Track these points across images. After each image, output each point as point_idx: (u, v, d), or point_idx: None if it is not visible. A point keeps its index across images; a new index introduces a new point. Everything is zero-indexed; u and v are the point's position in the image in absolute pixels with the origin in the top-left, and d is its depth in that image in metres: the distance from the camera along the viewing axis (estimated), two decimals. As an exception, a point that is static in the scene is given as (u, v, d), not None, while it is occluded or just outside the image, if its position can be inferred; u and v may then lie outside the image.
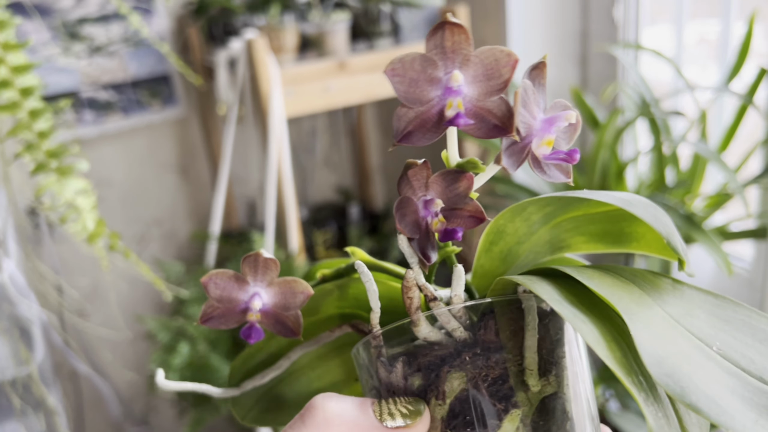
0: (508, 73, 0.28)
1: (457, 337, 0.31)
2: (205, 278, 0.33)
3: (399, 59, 0.29)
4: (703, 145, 1.02)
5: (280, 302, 0.34)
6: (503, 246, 0.35)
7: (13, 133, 0.82)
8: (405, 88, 0.29)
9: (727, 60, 1.16)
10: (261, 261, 0.33)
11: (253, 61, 1.22)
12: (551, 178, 0.31)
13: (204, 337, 1.20)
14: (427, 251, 0.31)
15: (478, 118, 0.29)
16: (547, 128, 0.30)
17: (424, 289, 0.32)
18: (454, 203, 0.31)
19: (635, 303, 0.28)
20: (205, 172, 1.65)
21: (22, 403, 1.03)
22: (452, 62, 0.28)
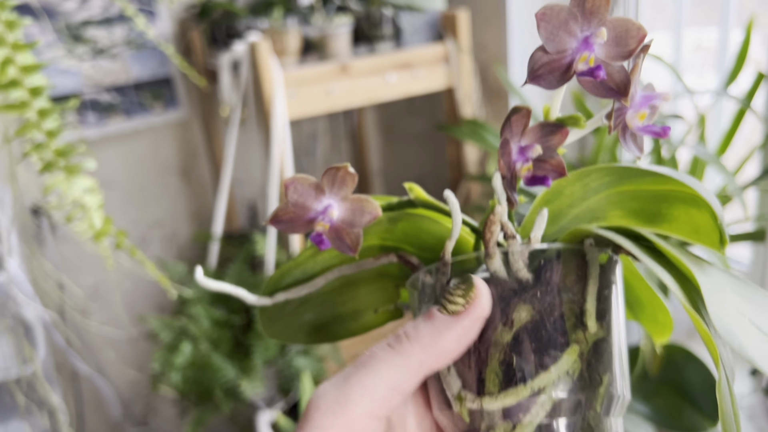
0: (635, 44, 0.31)
1: (520, 277, 0.33)
2: (288, 180, 0.34)
3: (549, 6, 0.31)
4: (702, 149, 1.04)
5: (348, 218, 0.34)
6: (556, 206, 0.37)
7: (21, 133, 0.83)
8: (547, 33, 0.31)
9: (724, 66, 1.18)
10: (341, 174, 0.33)
11: (256, 63, 1.23)
12: (629, 149, 0.33)
13: (206, 337, 1.21)
14: (514, 193, 0.33)
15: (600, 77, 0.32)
16: (644, 103, 0.33)
17: (505, 226, 0.34)
18: (544, 154, 0.33)
19: (696, 267, 0.31)
20: (206, 174, 1.66)
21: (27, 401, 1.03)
22: (589, 22, 0.31)
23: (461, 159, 1.50)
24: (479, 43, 1.48)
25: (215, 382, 1.18)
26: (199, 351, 1.19)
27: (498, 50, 1.43)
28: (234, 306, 1.30)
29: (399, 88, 1.37)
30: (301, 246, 1.35)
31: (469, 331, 0.30)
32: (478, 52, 1.49)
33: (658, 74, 1.37)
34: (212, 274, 1.34)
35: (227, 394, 1.19)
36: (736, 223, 1.08)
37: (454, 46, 1.39)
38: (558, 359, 0.31)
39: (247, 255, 1.35)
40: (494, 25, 1.42)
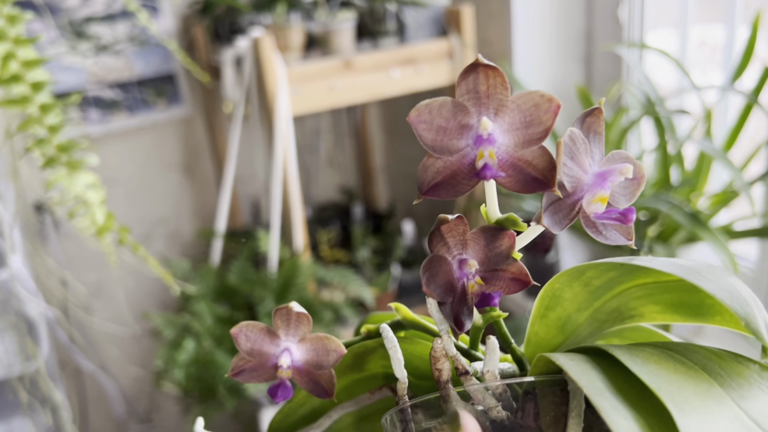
0: (550, 120, 0.25)
1: (494, 417, 0.28)
2: (235, 329, 0.32)
3: (426, 104, 0.26)
4: (709, 144, 1.03)
5: (312, 359, 0.32)
6: (561, 313, 0.32)
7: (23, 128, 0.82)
8: (432, 136, 0.26)
9: (730, 62, 1.17)
10: (293, 315, 0.32)
11: (259, 59, 1.23)
12: (608, 239, 0.28)
13: (209, 334, 1.20)
14: (462, 317, 0.28)
15: (516, 170, 0.26)
16: (600, 183, 0.26)
17: (455, 360, 0.29)
18: (494, 264, 0.28)
19: (698, 396, 0.24)
20: (209, 170, 1.65)
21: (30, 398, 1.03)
22: (486, 108, 0.26)
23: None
24: (483, 39, 1.47)
25: (218, 379, 1.17)
26: (202, 348, 1.18)
27: (502, 46, 1.42)
28: (237, 302, 1.30)
29: (403, 83, 1.37)
30: (305, 244, 1.35)
31: None
32: (482, 47, 1.48)
33: (664, 70, 1.37)
34: (215, 271, 1.34)
35: (230, 391, 1.19)
36: (742, 220, 1.07)
37: (458, 42, 1.38)
38: None
39: (251, 252, 1.35)
40: (498, 21, 1.41)
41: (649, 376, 0.25)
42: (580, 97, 1.22)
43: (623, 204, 0.27)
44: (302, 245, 1.34)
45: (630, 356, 0.26)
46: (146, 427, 1.68)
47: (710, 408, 0.24)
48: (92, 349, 1.52)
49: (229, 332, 1.23)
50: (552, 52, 1.42)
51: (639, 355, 0.26)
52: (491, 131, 0.26)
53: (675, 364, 0.26)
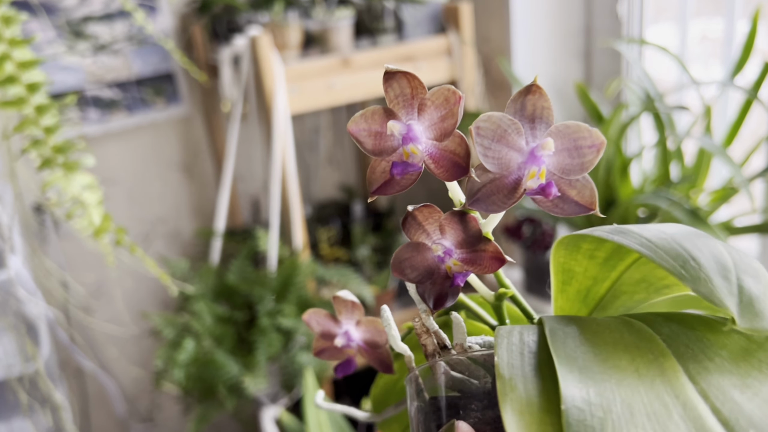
0: (457, 110, 0.27)
1: (483, 385, 0.30)
2: (306, 316, 0.38)
3: (361, 114, 0.28)
4: (708, 140, 1.02)
5: (369, 339, 0.37)
6: (578, 286, 0.33)
7: (19, 129, 0.82)
8: (372, 141, 0.29)
9: (730, 57, 1.16)
10: (348, 303, 0.37)
11: (257, 58, 1.22)
12: (564, 212, 0.28)
13: (209, 333, 1.20)
14: (444, 296, 0.30)
15: (444, 159, 0.28)
16: (533, 160, 0.27)
17: (436, 335, 0.32)
18: (471, 245, 0.30)
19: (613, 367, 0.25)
20: (209, 169, 1.65)
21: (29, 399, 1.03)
22: (411, 109, 0.28)
23: (465, 153, 1.49)
24: (482, 36, 1.47)
25: (218, 378, 1.17)
26: (202, 348, 1.18)
27: (501, 42, 1.41)
28: (237, 302, 1.30)
29: (401, 81, 1.36)
30: (305, 242, 1.35)
31: None
32: (481, 44, 1.47)
33: (664, 66, 1.36)
34: (215, 270, 1.34)
35: (231, 391, 1.19)
36: (743, 216, 1.07)
37: (457, 39, 1.38)
38: None
39: (250, 251, 1.34)
40: (497, 17, 1.40)
41: (564, 345, 0.26)
42: (579, 94, 1.22)
43: (578, 173, 0.28)
44: (302, 244, 1.34)
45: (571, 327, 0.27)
46: (148, 426, 1.69)
47: (614, 377, 0.24)
48: (93, 349, 1.52)
49: (228, 332, 1.23)
50: (551, 48, 1.41)
51: (590, 326, 0.28)
52: (405, 132, 0.28)
53: (625, 335, 0.27)
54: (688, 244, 0.27)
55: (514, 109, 0.27)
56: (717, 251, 0.27)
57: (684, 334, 0.27)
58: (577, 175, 0.27)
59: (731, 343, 0.26)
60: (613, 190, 1.14)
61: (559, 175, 0.27)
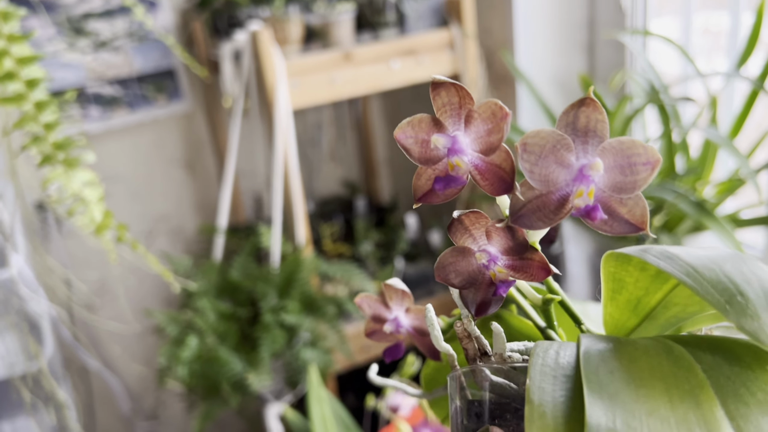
0: (505, 126, 0.27)
1: (520, 390, 0.30)
2: (358, 299, 0.38)
3: (407, 122, 0.28)
4: (714, 131, 1.01)
5: (418, 326, 0.38)
6: (628, 296, 0.33)
7: (19, 125, 0.82)
8: (418, 149, 0.29)
9: (734, 49, 1.15)
10: (399, 291, 0.38)
11: (258, 53, 1.22)
12: (613, 230, 0.28)
13: (212, 330, 1.20)
14: (488, 303, 0.30)
15: (491, 174, 0.28)
16: (581, 178, 0.26)
17: (477, 341, 0.32)
18: (517, 253, 0.29)
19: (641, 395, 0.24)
20: (211, 166, 1.65)
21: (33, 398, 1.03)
22: (458, 120, 0.28)
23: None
24: (484, 28, 1.45)
25: (222, 375, 1.17)
26: (205, 345, 1.18)
27: (504, 35, 1.40)
28: (240, 299, 1.29)
29: (403, 75, 1.35)
30: (307, 238, 1.34)
31: None
32: (483, 37, 1.46)
33: (668, 58, 1.35)
34: (218, 267, 1.33)
35: (235, 388, 1.18)
36: (749, 208, 1.06)
37: (459, 32, 1.37)
38: None
39: (253, 247, 1.34)
40: (499, 10, 1.39)
41: (597, 369, 0.25)
42: (583, 86, 1.21)
43: (630, 192, 0.27)
44: (304, 240, 1.33)
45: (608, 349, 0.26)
46: (152, 423, 1.68)
47: (645, 406, 0.23)
48: (96, 347, 1.52)
49: (232, 329, 1.22)
50: (554, 40, 1.40)
51: (627, 349, 0.27)
52: (451, 144, 0.28)
53: (663, 362, 0.26)
54: (738, 275, 0.26)
55: (566, 121, 0.26)
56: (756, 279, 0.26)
57: (727, 366, 0.26)
58: (629, 194, 0.26)
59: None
60: (618, 183, 1.13)
61: (609, 193, 0.27)
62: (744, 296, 0.25)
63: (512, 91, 1.44)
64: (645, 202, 0.27)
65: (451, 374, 0.33)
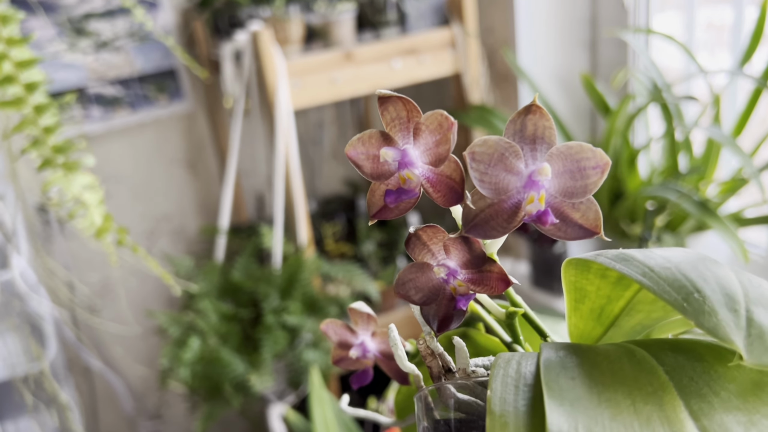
0: (450, 136, 0.27)
1: (484, 407, 0.30)
2: (323, 326, 0.38)
3: (358, 138, 0.28)
4: (717, 130, 1.01)
5: (385, 350, 0.38)
6: (591, 305, 0.33)
7: (18, 129, 0.81)
8: (370, 165, 0.29)
9: (738, 45, 1.14)
10: (364, 315, 0.37)
11: (259, 53, 1.21)
12: (567, 235, 0.28)
13: (214, 332, 1.20)
14: (450, 317, 0.30)
15: (441, 185, 0.28)
16: (531, 185, 0.27)
17: (440, 358, 0.32)
18: (476, 265, 0.29)
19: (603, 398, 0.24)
20: (213, 166, 1.64)
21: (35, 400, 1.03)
22: (408, 133, 0.28)
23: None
24: (486, 27, 1.45)
25: (225, 376, 1.17)
26: (207, 346, 1.18)
27: (505, 34, 1.40)
28: (242, 299, 1.29)
29: (405, 74, 1.35)
30: (309, 238, 1.34)
31: None
32: (484, 36, 1.45)
33: (671, 55, 1.34)
34: (220, 267, 1.33)
35: (237, 389, 1.18)
36: (752, 207, 1.05)
37: (461, 31, 1.36)
38: None
39: (254, 248, 1.34)
40: (500, 8, 1.39)
41: (557, 377, 0.25)
42: (585, 85, 1.20)
43: (581, 196, 0.27)
44: (306, 240, 1.33)
45: (569, 356, 0.27)
46: (156, 423, 1.69)
47: (607, 411, 0.23)
48: (99, 348, 1.52)
49: (234, 330, 1.22)
50: (556, 38, 1.40)
51: (589, 355, 0.27)
52: (400, 158, 0.28)
53: (625, 366, 0.26)
54: (694, 273, 0.26)
55: (513, 129, 0.26)
56: (726, 281, 0.25)
57: (690, 366, 0.26)
58: (580, 198, 0.27)
59: (741, 376, 0.25)
60: (621, 183, 1.12)
61: (561, 198, 0.27)
62: (701, 293, 0.25)
63: (514, 90, 1.43)
64: (597, 206, 0.27)
65: (417, 395, 0.32)
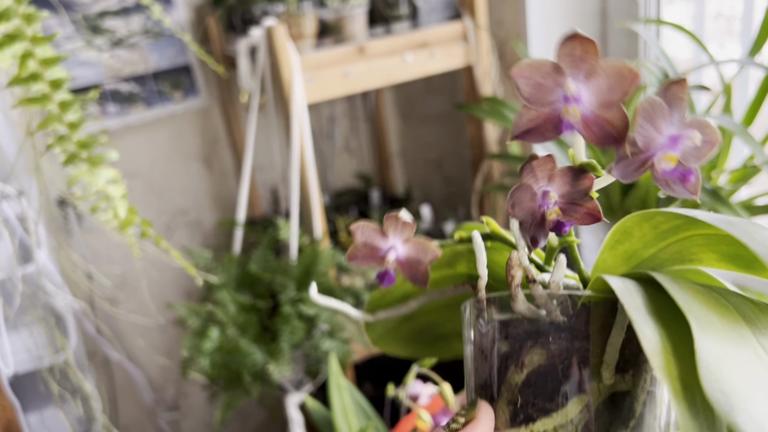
0: (630, 88, 0.29)
1: (553, 319, 0.33)
2: (354, 226, 0.39)
3: (527, 63, 0.31)
4: (728, 119, 1.02)
5: (413, 257, 0.39)
6: (628, 247, 0.36)
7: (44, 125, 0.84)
8: (529, 90, 0.31)
9: (748, 34, 1.15)
10: (401, 222, 0.39)
11: (273, 48, 1.23)
12: (674, 192, 0.31)
13: (233, 322, 1.22)
14: (538, 237, 0.33)
15: (597, 127, 0.30)
16: (671, 144, 0.30)
17: (526, 270, 0.35)
18: (573, 198, 0.33)
19: (722, 324, 0.28)
20: (227, 160, 1.67)
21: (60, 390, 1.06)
22: (579, 71, 0.30)
23: (482, 138, 1.49)
24: (497, 20, 1.46)
25: (243, 366, 1.19)
26: (226, 336, 1.20)
27: (516, 26, 1.41)
28: (259, 291, 1.31)
29: (417, 68, 1.36)
30: (324, 231, 1.36)
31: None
32: (495, 28, 1.47)
33: (681, 45, 1.35)
34: (237, 260, 1.35)
35: (255, 378, 1.20)
36: (764, 195, 1.06)
37: (472, 24, 1.38)
38: (562, 406, 0.32)
39: (271, 240, 1.36)
40: (511, 1, 1.40)
41: (682, 298, 0.29)
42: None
43: (693, 163, 0.31)
44: (321, 232, 1.35)
45: (672, 283, 0.30)
46: (175, 414, 1.72)
47: (730, 335, 0.27)
48: (119, 339, 1.55)
49: (252, 320, 1.24)
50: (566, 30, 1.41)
51: (681, 285, 0.31)
52: (575, 93, 0.30)
53: (710, 298, 0.30)
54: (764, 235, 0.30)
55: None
56: None
57: (748, 307, 0.30)
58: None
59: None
60: (632, 172, 1.13)
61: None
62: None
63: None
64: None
65: (472, 300, 0.37)
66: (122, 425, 1.64)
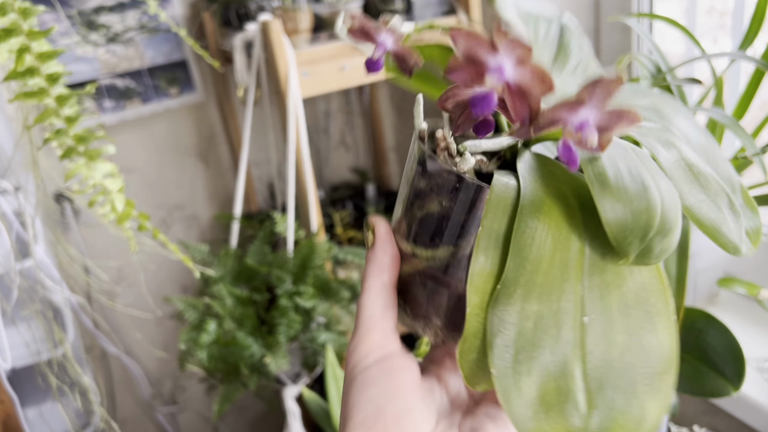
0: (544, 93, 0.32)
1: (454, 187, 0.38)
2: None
3: (467, 31, 0.32)
4: (720, 112, 1.03)
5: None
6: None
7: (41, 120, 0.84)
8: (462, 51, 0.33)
9: (740, 29, 1.16)
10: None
11: (269, 43, 1.23)
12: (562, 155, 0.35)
13: (230, 315, 1.23)
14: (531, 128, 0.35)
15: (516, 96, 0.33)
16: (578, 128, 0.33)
17: (448, 146, 0.39)
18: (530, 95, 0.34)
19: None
20: (224, 155, 1.67)
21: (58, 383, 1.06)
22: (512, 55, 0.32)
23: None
24: (491, 15, 1.47)
25: (241, 359, 1.20)
26: (223, 329, 1.21)
27: (510, 20, 1.41)
28: (256, 284, 1.32)
29: (412, 62, 1.37)
30: (319, 224, 1.37)
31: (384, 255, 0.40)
32: (489, 24, 1.47)
33: (674, 39, 1.36)
34: (234, 253, 1.36)
35: (253, 371, 1.21)
36: (755, 187, 1.07)
37: (466, 19, 1.38)
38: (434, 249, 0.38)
39: (267, 234, 1.37)
40: (506, -5, 1.40)
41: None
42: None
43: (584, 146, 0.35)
44: (317, 226, 1.35)
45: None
46: (172, 407, 1.73)
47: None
48: (116, 333, 1.56)
49: (249, 313, 1.25)
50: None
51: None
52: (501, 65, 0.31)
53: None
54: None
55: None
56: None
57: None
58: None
59: None
60: (625, 165, 1.14)
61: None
62: None
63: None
64: None
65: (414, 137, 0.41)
66: (120, 418, 1.65)
